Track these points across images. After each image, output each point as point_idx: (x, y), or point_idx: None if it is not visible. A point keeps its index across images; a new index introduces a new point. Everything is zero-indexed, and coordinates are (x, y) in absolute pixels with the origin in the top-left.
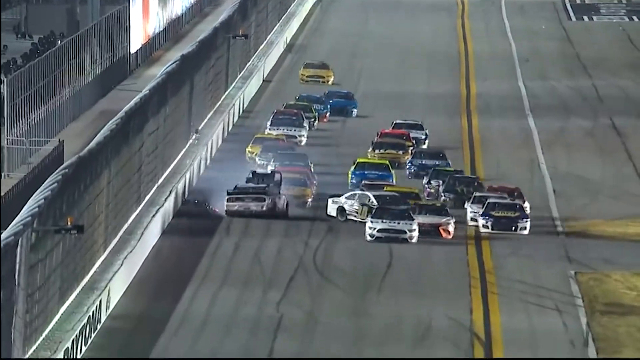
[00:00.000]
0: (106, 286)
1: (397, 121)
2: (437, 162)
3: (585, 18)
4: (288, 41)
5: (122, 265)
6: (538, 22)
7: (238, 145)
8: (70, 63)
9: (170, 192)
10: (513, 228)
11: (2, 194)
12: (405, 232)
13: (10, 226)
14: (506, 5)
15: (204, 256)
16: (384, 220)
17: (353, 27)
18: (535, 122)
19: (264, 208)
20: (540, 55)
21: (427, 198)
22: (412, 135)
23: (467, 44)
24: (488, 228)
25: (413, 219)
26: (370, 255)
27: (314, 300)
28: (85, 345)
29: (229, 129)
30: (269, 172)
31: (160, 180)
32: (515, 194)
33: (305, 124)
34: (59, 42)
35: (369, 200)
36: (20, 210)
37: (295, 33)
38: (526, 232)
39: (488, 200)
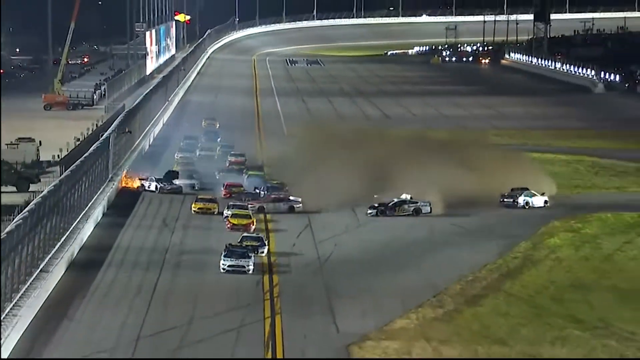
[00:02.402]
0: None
1: (222, 143)
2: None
3: (291, 65)
4: (199, 70)
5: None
6: (277, 67)
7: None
8: (128, 79)
9: (157, 123)
10: (256, 252)
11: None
12: (245, 267)
13: (108, 130)
14: (269, 61)
15: None
16: (232, 259)
17: (221, 71)
18: (279, 100)
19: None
20: (279, 76)
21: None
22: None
23: (255, 72)
24: None
25: (251, 257)
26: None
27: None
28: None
29: (177, 103)
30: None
31: (154, 119)
32: None
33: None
34: (123, 71)
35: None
36: (111, 125)
37: (200, 67)
38: (264, 254)
39: (242, 235)
